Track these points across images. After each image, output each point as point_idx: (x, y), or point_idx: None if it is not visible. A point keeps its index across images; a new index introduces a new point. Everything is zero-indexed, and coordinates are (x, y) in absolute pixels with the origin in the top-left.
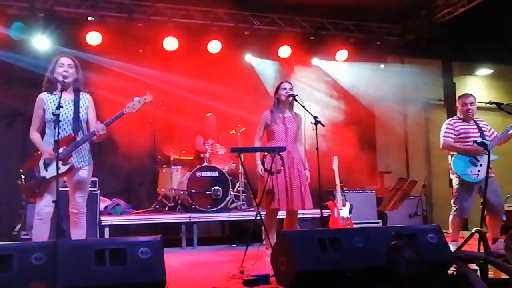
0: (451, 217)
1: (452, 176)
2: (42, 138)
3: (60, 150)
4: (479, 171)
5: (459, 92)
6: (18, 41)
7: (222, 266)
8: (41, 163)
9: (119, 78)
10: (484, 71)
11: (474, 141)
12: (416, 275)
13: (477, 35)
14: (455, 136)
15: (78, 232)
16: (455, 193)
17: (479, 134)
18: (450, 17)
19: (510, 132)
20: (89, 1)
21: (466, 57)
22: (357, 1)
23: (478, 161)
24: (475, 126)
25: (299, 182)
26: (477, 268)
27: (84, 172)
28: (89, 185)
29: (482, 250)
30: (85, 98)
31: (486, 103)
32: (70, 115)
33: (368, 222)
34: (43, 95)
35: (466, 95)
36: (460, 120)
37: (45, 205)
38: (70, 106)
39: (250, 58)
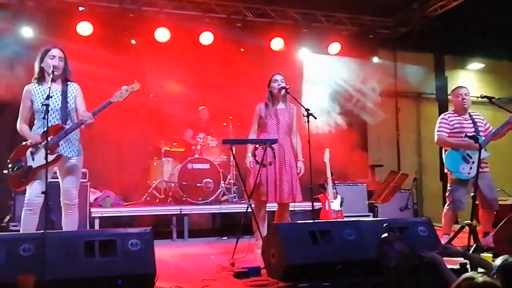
0: (444, 210)
1: (446, 171)
2: (30, 129)
3: (48, 139)
4: (471, 168)
5: (450, 86)
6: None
7: (213, 258)
8: (28, 152)
9: (109, 69)
10: (476, 65)
11: (465, 135)
12: (406, 267)
13: (469, 29)
14: (449, 131)
15: (71, 223)
16: (449, 187)
17: (473, 129)
18: (443, 11)
19: (505, 127)
20: None
21: (458, 51)
22: None
23: (471, 157)
24: (470, 121)
25: (290, 175)
26: (467, 261)
27: (74, 161)
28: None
29: (472, 243)
30: (73, 88)
31: (478, 97)
32: (58, 104)
33: (359, 215)
34: (30, 86)
35: (460, 87)
36: (456, 114)
37: (36, 195)
38: (58, 96)
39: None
